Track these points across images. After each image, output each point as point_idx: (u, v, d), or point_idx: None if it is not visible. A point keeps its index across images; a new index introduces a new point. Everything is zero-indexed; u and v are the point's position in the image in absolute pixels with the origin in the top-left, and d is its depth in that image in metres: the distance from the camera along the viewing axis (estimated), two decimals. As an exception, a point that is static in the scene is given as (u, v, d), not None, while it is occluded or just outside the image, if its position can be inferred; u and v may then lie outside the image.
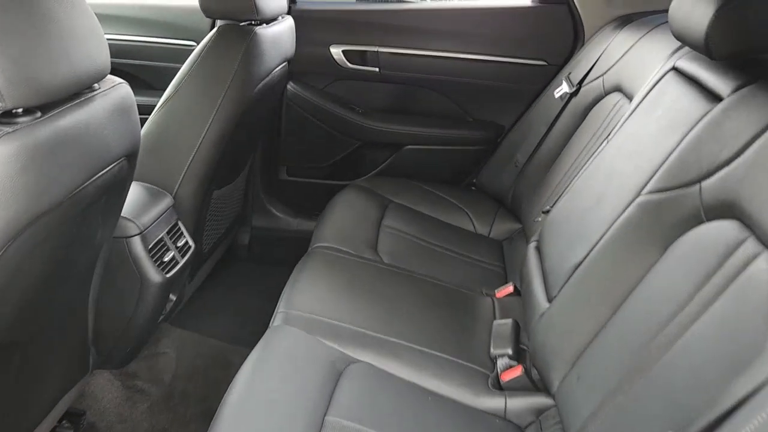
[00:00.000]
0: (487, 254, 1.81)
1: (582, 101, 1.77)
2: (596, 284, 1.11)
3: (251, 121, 1.67)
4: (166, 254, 1.40)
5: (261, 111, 1.74)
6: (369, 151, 2.16)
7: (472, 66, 2.03)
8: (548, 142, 1.86)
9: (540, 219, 1.58)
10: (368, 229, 1.75)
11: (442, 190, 2.04)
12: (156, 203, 1.41)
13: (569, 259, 1.21)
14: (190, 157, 1.48)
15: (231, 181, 1.78)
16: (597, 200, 1.24)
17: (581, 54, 1.89)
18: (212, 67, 1.48)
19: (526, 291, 1.36)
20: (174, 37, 2.09)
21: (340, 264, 1.52)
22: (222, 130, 1.50)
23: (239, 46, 1.47)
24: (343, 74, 2.08)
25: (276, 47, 1.61)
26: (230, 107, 1.48)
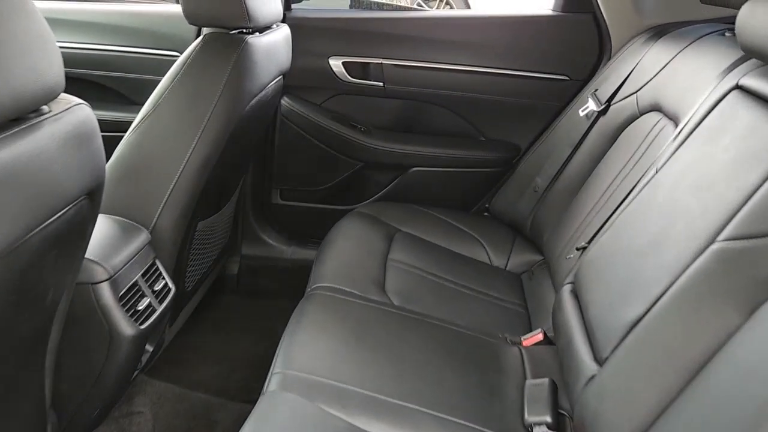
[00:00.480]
0: (505, 291, 1.62)
1: (612, 121, 1.59)
2: (662, 348, 0.92)
3: (242, 142, 1.47)
4: (141, 301, 1.19)
5: (253, 130, 1.54)
6: (372, 173, 1.97)
7: (486, 80, 1.85)
8: (573, 166, 1.68)
9: (572, 256, 1.38)
10: (374, 263, 1.55)
11: (453, 216, 1.85)
12: (129, 241, 1.20)
13: (623, 314, 1.01)
14: (170, 185, 1.28)
15: (219, 210, 1.58)
16: (653, 242, 1.05)
17: (608, 68, 1.71)
18: (197, 80, 1.27)
19: (566, 347, 1.16)
20: (155, 47, 1.89)
21: (344, 309, 1.32)
22: (208, 153, 1.29)
23: (228, 57, 1.27)
24: (344, 89, 1.89)
25: (270, 59, 1.41)
26: (218, 127, 1.28)
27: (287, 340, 1.19)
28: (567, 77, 1.81)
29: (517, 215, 1.83)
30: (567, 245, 1.52)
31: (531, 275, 1.71)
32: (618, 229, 1.19)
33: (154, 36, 1.89)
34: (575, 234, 1.51)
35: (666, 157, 1.19)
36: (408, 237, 1.72)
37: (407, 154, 1.90)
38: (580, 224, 1.51)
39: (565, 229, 1.57)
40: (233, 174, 1.60)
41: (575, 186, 1.64)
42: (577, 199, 1.60)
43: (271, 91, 1.47)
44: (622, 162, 1.47)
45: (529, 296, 1.63)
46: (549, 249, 1.64)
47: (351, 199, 1.97)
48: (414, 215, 1.82)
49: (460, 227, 1.81)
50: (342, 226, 1.70)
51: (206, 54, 1.27)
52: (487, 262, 1.74)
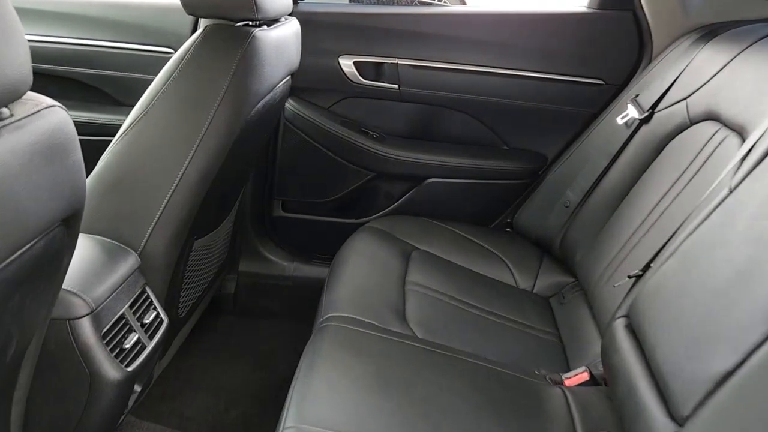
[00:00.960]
0: (535, 317, 1.46)
1: (657, 130, 1.43)
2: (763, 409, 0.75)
3: (246, 151, 1.29)
4: (128, 338, 1.01)
5: (259, 137, 1.36)
6: (384, 184, 1.80)
7: (511, 83, 1.69)
8: (610, 178, 1.52)
9: (621, 284, 1.22)
10: (392, 287, 1.38)
11: (473, 232, 1.69)
12: (114, 267, 1.02)
13: (706, 365, 0.85)
14: (164, 201, 1.10)
15: (218, 226, 1.40)
16: (739, 277, 0.88)
17: (650, 72, 1.55)
18: (197, 80, 1.10)
19: (627, 395, 0.99)
20: (144, 42, 1.71)
21: (363, 344, 1.14)
22: (208, 165, 1.12)
23: (233, 53, 1.09)
24: (354, 91, 1.72)
25: (280, 56, 1.23)
26: (220, 134, 1.11)
27: (300, 387, 1.01)
28: (601, 81, 1.65)
29: (544, 232, 1.67)
30: (608, 269, 1.36)
31: (561, 299, 1.55)
32: (686, 258, 1.03)
33: (143, 30, 1.71)
34: (618, 256, 1.35)
35: (741, 175, 1.03)
36: (426, 256, 1.56)
37: (423, 163, 1.74)
38: (624, 246, 1.35)
39: (604, 250, 1.41)
40: (234, 186, 1.42)
41: (613, 201, 1.48)
42: (617, 217, 1.44)
43: (279, 92, 1.29)
44: (672, 177, 1.31)
45: (561, 324, 1.47)
46: (583, 271, 1.48)
47: (360, 213, 1.81)
48: (431, 231, 1.67)
49: (482, 244, 1.65)
50: (353, 243, 1.54)
51: (207, 49, 1.10)
52: (513, 284, 1.58)
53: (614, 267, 1.34)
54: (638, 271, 1.17)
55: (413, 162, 1.73)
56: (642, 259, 1.24)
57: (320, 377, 1.03)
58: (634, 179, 1.45)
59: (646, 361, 0.99)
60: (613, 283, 1.29)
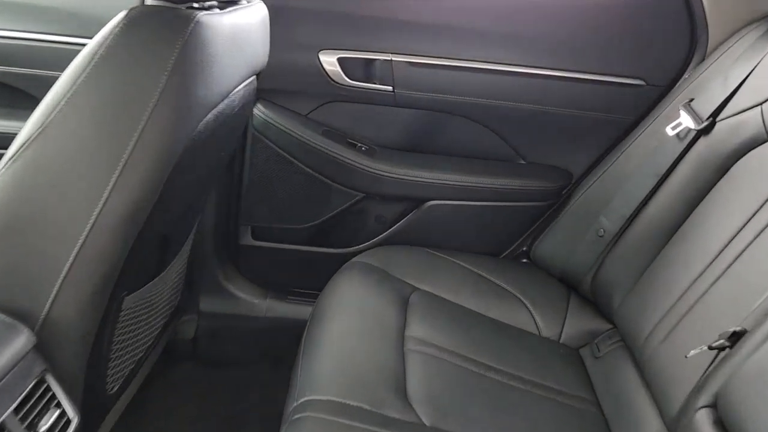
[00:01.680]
0: (567, 378, 1.18)
1: (721, 144, 1.14)
2: None
3: (193, 178, 0.98)
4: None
5: (211, 159, 1.05)
6: (376, 207, 1.51)
7: (531, 85, 1.40)
8: (658, 204, 1.23)
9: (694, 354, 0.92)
10: (387, 349, 1.09)
11: (485, 265, 1.42)
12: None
13: None
14: (72, 251, 0.79)
15: (160, 272, 1.08)
16: None
17: (706, 70, 1.27)
18: (117, 83, 0.78)
19: None
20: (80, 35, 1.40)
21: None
22: (136, 201, 0.81)
23: (169, 45, 0.78)
24: (339, 94, 1.42)
25: (238, 50, 0.92)
26: (152, 158, 0.80)
27: None
28: (642, 82, 1.38)
29: (571, 266, 1.38)
30: (663, 324, 1.07)
31: (596, 351, 1.27)
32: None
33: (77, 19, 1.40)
34: (676, 309, 1.06)
35: None
36: (428, 299, 1.28)
37: (423, 182, 1.45)
38: (683, 295, 1.06)
39: (654, 296, 1.13)
40: (182, 223, 1.10)
41: (663, 233, 1.19)
42: (669, 253, 1.15)
43: (239, 99, 0.97)
44: (750, 206, 1.02)
45: (599, 387, 1.19)
46: (626, 320, 1.19)
47: (347, 241, 1.52)
48: (433, 265, 1.39)
49: (496, 282, 1.38)
50: (337, 286, 1.25)
51: (132, 40, 0.78)
52: (535, 331, 1.30)
53: (672, 322, 1.05)
54: (723, 342, 0.87)
55: (411, 181, 1.45)
56: (716, 320, 0.95)
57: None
58: (690, 206, 1.16)
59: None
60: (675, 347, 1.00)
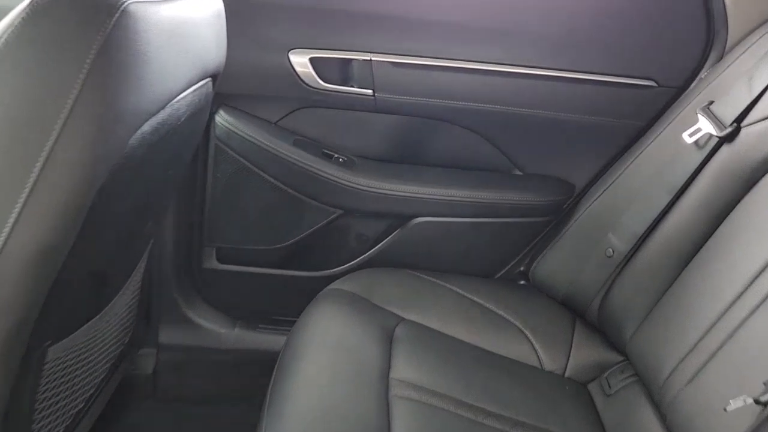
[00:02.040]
0: (575, 421, 1.05)
1: (747, 153, 1.00)
2: None
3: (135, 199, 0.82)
4: None
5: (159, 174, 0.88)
6: (356, 225, 1.36)
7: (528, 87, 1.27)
8: (675, 220, 1.10)
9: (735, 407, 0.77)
10: (369, 399, 0.94)
11: (478, 290, 1.29)
12: None
13: None
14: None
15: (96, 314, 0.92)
16: None
17: (726, 71, 1.14)
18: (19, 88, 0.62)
19: None
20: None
21: None
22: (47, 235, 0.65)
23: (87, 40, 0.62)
24: (312, 99, 1.28)
25: (182, 46, 0.76)
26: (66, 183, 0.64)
27: None
28: (653, 83, 1.24)
29: (576, 289, 1.24)
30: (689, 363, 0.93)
31: (607, 388, 1.13)
32: None
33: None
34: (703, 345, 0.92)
35: None
36: (416, 331, 1.14)
37: (408, 197, 1.31)
38: (712, 328, 0.92)
39: (674, 328, 0.99)
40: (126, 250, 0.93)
41: (683, 253, 1.06)
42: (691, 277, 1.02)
43: (186, 105, 0.82)
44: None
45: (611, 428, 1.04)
46: (640, 352, 1.06)
47: (324, 263, 1.38)
48: (420, 290, 1.26)
49: (491, 308, 1.24)
50: (311, 318, 1.10)
51: (38, 32, 0.62)
52: (537, 365, 1.16)
53: (700, 361, 0.91)
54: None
55: (394, 195, 1.30)
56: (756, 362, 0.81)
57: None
58: (713, 223, 1.03)
59: None
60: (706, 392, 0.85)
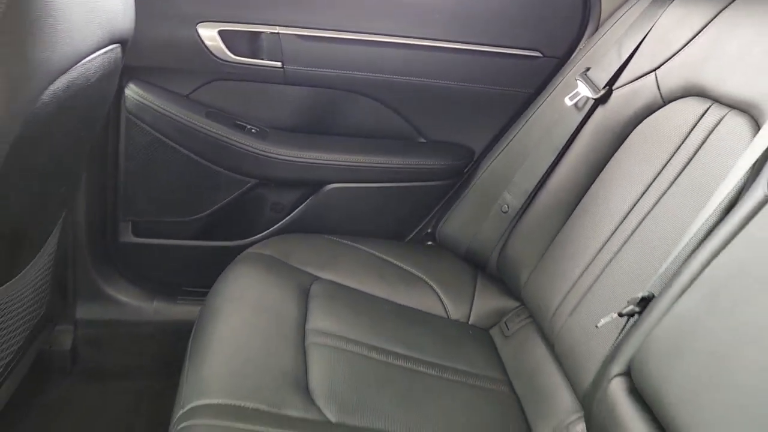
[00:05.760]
0: (478, 360, 1.14)
1: (618, 111, 1.13)
2: None
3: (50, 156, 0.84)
4: None
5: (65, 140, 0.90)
6: (270, 194, 1.40)
7: (427, 58, 1.33)
8: (560, 176, 1.21)
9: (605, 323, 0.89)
10: (287, 345, 0.99)
11: (388, 249, 1.35)
12: None
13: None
14: None
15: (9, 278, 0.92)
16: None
17: (601, 40, 1.26)
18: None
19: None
20: None
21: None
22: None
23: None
24: (222, 71, 1.30)
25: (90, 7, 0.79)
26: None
27: None
28: (538, 53, 1.34)
29: (477, 245, 1.34)
30: (571, 296, 1.04)
31: (505, 330, 1.23)
32: (719, 295, 0.70)
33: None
34: (584, 279, 1.03)
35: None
36: (330, 288, 1.19)
37: (320, 165, 1.35)
38: (591, 264, 1.04)
39: (560, 269, 1.10)
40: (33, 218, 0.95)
41: (566, 205, 1.17)
42: (575, 224, 1.13)
43: (96, 67, 0.84)
44: (650, 170, 1.01)
45: (510, 366, 1.15)
46: (533, 296, 1.16)
47: (240, 233, 1.40)
48: (334, 252, 1.31)
49: (401, 265, 1.31)
50: (228, 279, 1.14)
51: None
52: (444, 314, 1.25)
53: (580, 293, 1.02)
54: (633, 307, 0.84)
55: (306, 163, 1.34)
56: (624, 287, 0.93)
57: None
58: (591, 175, 1.15)
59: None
60: (585, 318, 0.97)
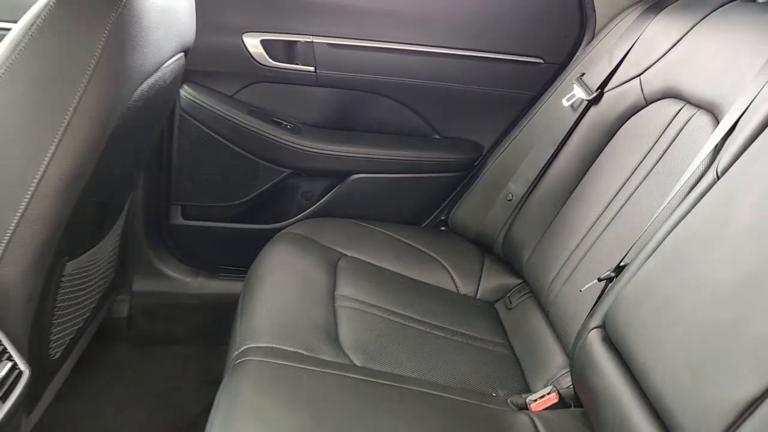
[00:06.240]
0: (483, 327, 1.29)
1: (608, 111, 1.29)
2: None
3: (129, 146, 1.03)
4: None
5: (144, 129, 1.10)
6: (302, 183, 1.57)
7: (441, 64, 1.50)
8: (558, 167, 1.37)
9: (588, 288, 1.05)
10: (319, 305, 1.16)
11: (406, 233, 1.51)
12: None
13: (725, 391, 0.69)
14: (15, 215, 0.83)
15: (98, 241, 1.12)
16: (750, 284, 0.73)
17: (595, 48, 1.42)
18: (53, 54, 0.83)
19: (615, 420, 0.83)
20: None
21: (291, 384, 0.92)
22: (76, 164, 0.85)
23: (104, 17, 0.83)
24: (263, 75, 1.48)
25: (169, 23, 0.98)
26: (92, 124, 0.85)
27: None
28: (541, 60, 1.50)
29: (485, 230, 1.50)
30: (565, 269, 1.20)
31: (508, 303, 1.39)
32: (673, 256, 0.87)
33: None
34: (575, 255, 1.20)
35: (729, 158, 0.89)
36: (355, 263, 1.36)
37: (346, 157, 1.53)
38: (581, 242, 1.20)
39: (556, 248, 1.26)
40: (118, 192, 1.14)
41: (563, 192, 1.33)
42: (569, 209, 1.29)
43: (169, 72, 1.03)
44: (632, 162, 1.17)
45: (512, 332, 1.31)
46: (533, 272, 1.32)
47: (276, 217, 1.57)
48: (359, 234, 1.47)
49: (417, 246, 1.47)
50: (269, 254, 1.31)
51: (67, 11, 0.82)
52: (454, 290, 1.41)
53: (572, 266, 1.19)
54: (609, 272, 1.01)
55: (334, 156, 1.52)
56: (608, 258, 1.09)
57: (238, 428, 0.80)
58: (585, 167, 1.31)
59: (638, 384, 0.83)
60: (575, 286, 1.13)
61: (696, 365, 0.74)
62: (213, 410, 0.85)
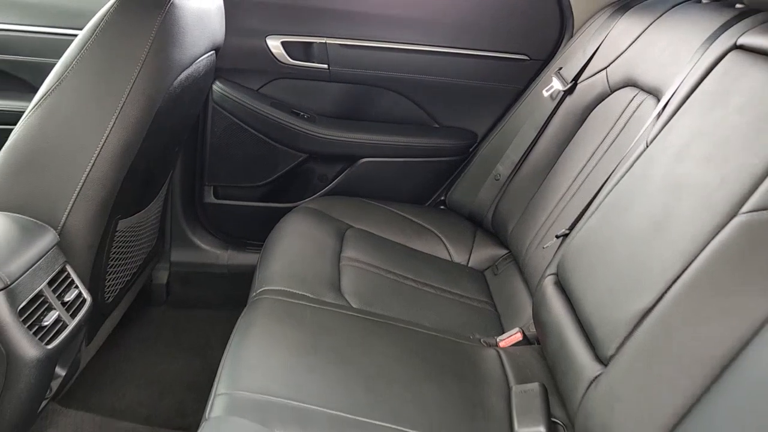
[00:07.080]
0: (470, 288, 1.48)
1: (580, 100, 1.47)
2: (680, 342, 0.78)
3: (170, 126, 1.26)
4: (48, 315, 0.97)
5: (183, 113, 1.33)
6: (317, 166, 1.78)
7: (439, 61, 1.70)
8: (538, 150, 1.55)
9: (550, 245, 1.25)
10: (326, 262, 1.37)
11: (408, 210, 1.70)
12: (31, 242, 0.98)
13: (628, 306, 0.88)
14: (82, 176, 1.06)
15: (144, 206, 1.35)
16: (657, 222, 0.92)
17: (572, 46, 1.60)
18: (113, 48, 1.06)
19: (558, 348, 1.01)
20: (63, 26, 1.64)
21: (297, 314, 1.13)
22: (129, 138, 1.08)
23: (151, 20, 1.06)
24: (284, 72, 1.69)
25: (202, 27, 1.21)
26: (140, 104, 1.08)
27: (232, 356, 0.99)
28: (526, 57, 1.69)
29: (476, 207, 1.69)
30: (538, 236, 1.39)
31: (495, 270, 1.58)
32: (608, 212, 1.06)
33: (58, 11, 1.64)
34: (546, 222, 1.38)
35: (656, 130, 1.07)
36: (361, 233, 1.56)
37: (356, 143, 1.73)
38: (552, 211, 1.39)
39: (534, 219, 1.44)
40: (160, 165, 1.38)
41: (542, 171, 1.51)
42: (546, 185, 1.48)
43: (202, 66, 1.26)
44: (596, 142, 1.36)
45: (496, 294, 1.49)
46: (515, 241, 1.50)
47: (294, 196, 1.78)
48: (366, 210, 1.66)
49: (417, 221, 1.67)
50: (287, 223, 1.52)
51: (123, 16, 1.06)
52: (448, 259, 1.60)
53: (543, 232, 1.37)
54: (565, 230, 1.20)
55: (346, 141, 1.72)
56: (569, 221, 1.28)
57: (253, 346, 1.01)
58: (560, 149, 1.49)
59: (575, 313, 1.02)
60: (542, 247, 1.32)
61: (614, 289, 0.93)
62: (234, 331, 1.07)
